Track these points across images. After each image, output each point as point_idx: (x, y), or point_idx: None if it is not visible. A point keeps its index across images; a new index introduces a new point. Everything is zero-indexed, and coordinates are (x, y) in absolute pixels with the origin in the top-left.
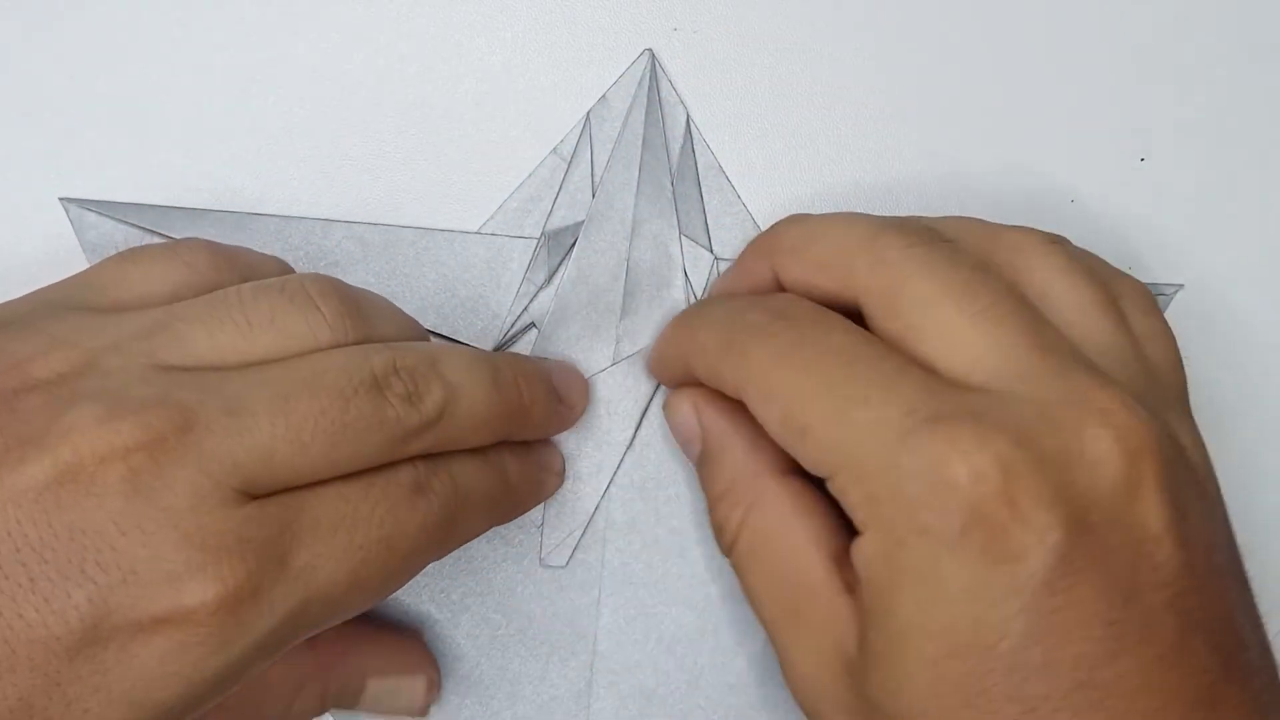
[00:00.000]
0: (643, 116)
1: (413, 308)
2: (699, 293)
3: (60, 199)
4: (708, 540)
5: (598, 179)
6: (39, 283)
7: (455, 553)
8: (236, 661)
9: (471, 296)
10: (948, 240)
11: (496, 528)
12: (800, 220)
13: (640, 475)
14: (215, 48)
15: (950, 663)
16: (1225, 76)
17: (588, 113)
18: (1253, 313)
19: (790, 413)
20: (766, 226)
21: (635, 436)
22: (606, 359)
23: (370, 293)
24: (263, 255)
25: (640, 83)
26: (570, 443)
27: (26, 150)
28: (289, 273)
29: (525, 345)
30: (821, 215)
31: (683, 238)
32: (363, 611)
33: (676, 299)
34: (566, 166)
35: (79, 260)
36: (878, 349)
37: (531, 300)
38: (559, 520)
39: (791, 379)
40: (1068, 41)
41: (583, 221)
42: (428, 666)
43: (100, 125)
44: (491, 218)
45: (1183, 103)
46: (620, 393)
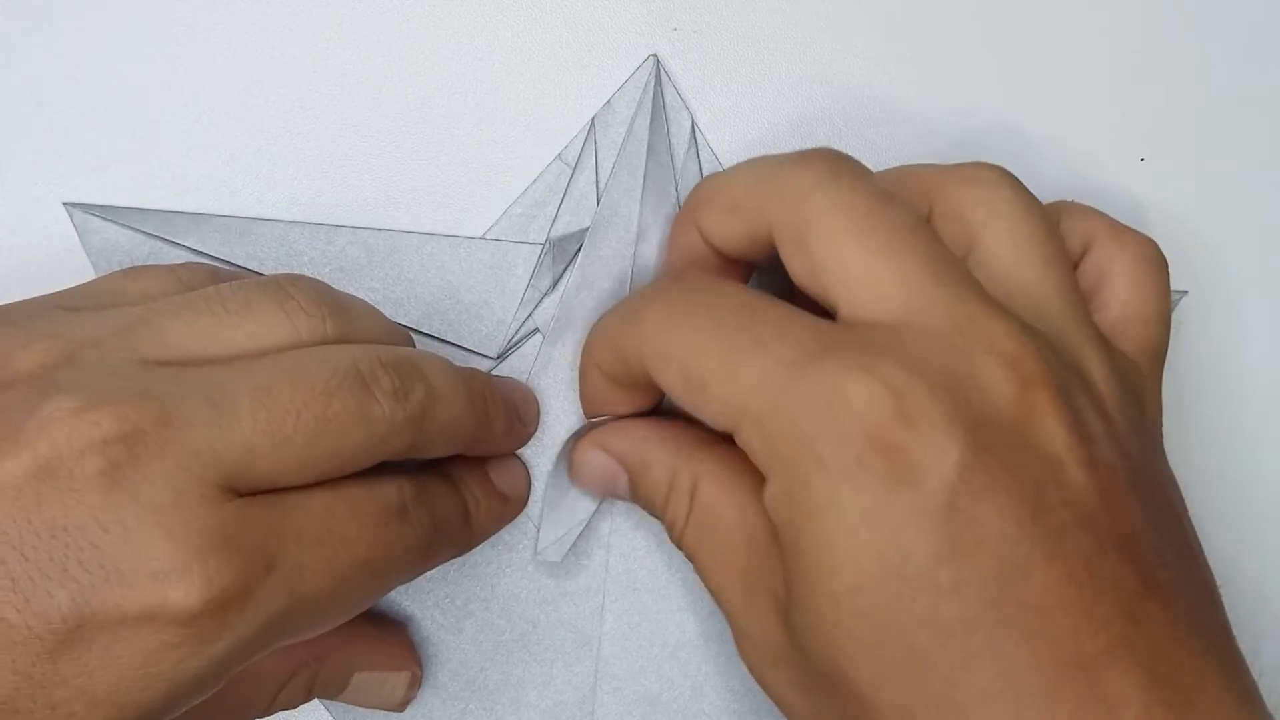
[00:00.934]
0: (647, 122)
1: (417, 313)
2: None
3: (65, 204)
4: None
5: (602, 185)
6: (41, 283)
7: (459, 559)
8: (218, 663)
9: (476, 302)
10: (857, 173)
11: (499, 532)
12: (713, 174)
13: None
14: (215, 48)
15: (859, 596)
16: (1225, 76)
17: (592, 118)
18: (1253, 313)
19: (688, 370)
20: None
21: None
22: None
23: (350, 294)
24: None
25: (645, 88)
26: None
27: (26, 150)
28: None
29: (530, 351)
30: (733, 166)
31: None
32: (334, 626)
33: None
34: (571, 172)
35: (81, 261)
36: (767, 299)
37: (536, 306)
38: (556, 517)
39: (686, 337)
40: (1068, 41)
41: (587, 228)
42: (412, 663)
43: (100, 125)
44: (496, 223)
45: (1183, 103)
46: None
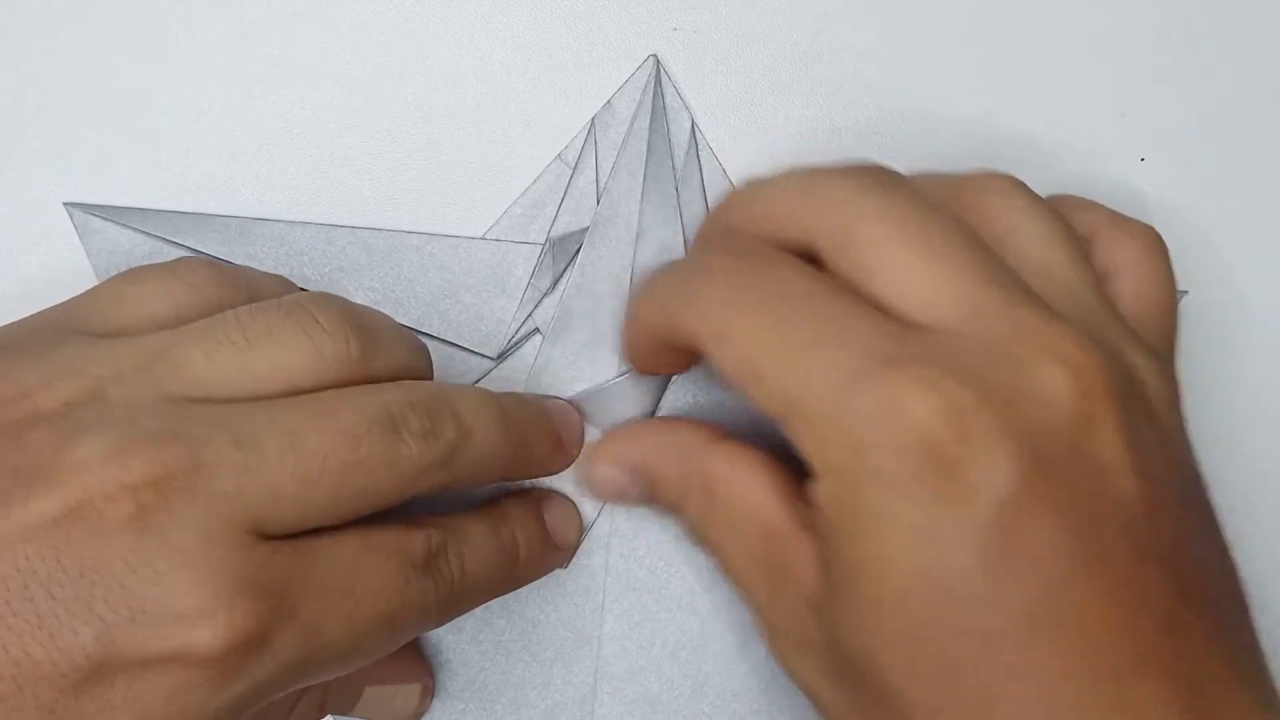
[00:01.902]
0: (647, 123)
1: (417, 313)
2: None
3: (65, 204)
4: None
5: (602, 185)
6: (41, 283)
7: None
8: (237, 702)
9: (476, 302)
10: (902, 181)
11: None
12: (747, 181)
13: None
14: (215, 48)
15: (904, 602)
16: (1225, 76)
17: (592, 119)
18: (1254, 313)
19: (744, 356)
20: None
21: None
22: (611, 366)
23: (371, 309)
24: (265, 274)
25: (645, 88)
26: None
27: (26, 150)
28: (291, 291)
29: (530, 351)
30: (769, 174)
31: (688, 245)
32: (350, 671)
33: None
34: (571, 172)
35: (81, 261)
36: (829, 288)
37: (536, 306)
38: None
39: (743, 321)
40: (1067, 41)
41: (587, 228)
42: (423, 674)
43: (100, 125)
44: (496, 223)
45: (1183, 103)
46: (624, 400)
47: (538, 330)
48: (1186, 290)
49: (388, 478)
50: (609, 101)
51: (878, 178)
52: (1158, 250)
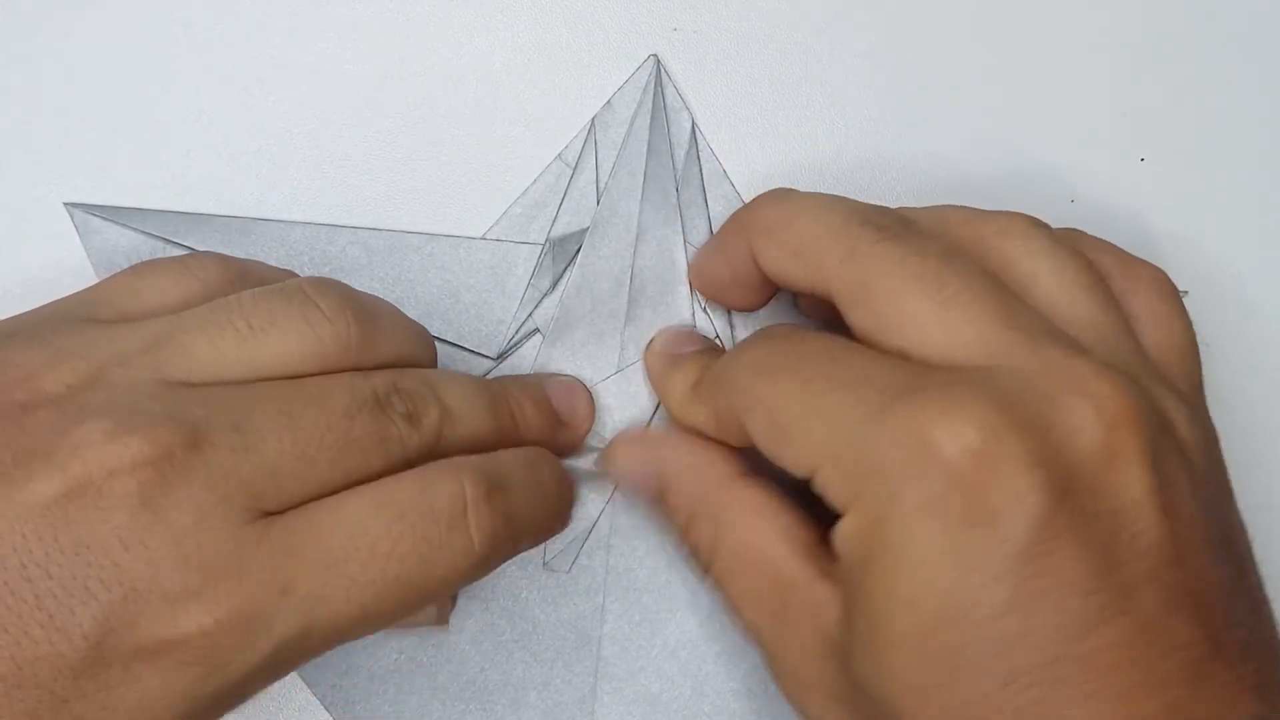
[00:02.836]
0: (648, 123)
1: (417, 313)
2: (703, 301)
3: (65, 204)
4: None
5: (602, 185)
6: (41, 283)
7: None
8: (237, 682)
9: (476, 302)
10: (919, 230)
11: None
12: (778, 199)
13: None
14: (215, 48)
15: (927, 637)
16: (1225, 76)
17: (592, 118)
18: (1254, 313)
19: (772, 420)
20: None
21: None
22: (611, 366)
23: (373, 296)
24: (273, 268)
25: (645, 89)
26: None
27: (26, 150)
28: None
29: (530, 351)
30: (800, 196)
31: (687, 245)
32: (377, 632)
33: (681, 306)
34: (571, 173)
35: (81, 261)
36: (849, 345)
37: (536, 306)
38: None
39: (769, 388)
40: (1068, 41)
41: (587, 228)
42: None
43: (100, 125)
44: (496, 223)
45: (1183, 103)
46: (624, 399)
47: (538, 330)
48: (1187, 290)
49: (379, 456)
50: (609, 101)
51: (895, 228)
52: (1171, 293)
